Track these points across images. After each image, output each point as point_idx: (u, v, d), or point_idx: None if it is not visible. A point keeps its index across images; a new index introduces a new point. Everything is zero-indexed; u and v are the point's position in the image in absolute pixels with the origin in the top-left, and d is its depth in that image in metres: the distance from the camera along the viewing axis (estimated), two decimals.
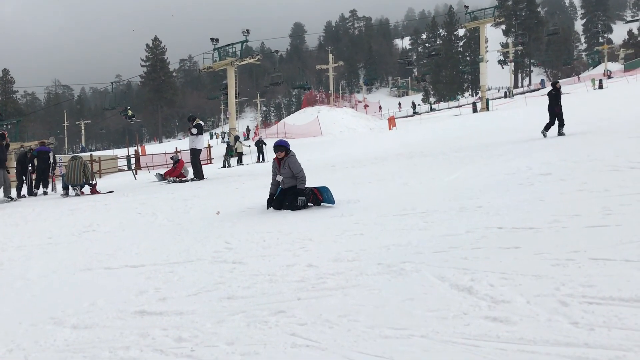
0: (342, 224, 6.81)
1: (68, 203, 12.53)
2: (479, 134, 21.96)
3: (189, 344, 3.32)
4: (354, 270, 4.55)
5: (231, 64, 42.67)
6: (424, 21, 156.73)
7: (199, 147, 17.11)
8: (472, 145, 16.77)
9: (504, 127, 24.21)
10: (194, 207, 9.98)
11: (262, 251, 5.78)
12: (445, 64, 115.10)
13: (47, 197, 15.53)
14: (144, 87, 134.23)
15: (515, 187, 7.94)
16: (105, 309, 4.23)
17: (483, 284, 3.75)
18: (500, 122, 28.84)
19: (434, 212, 6.74)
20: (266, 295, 4.17)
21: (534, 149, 13.06)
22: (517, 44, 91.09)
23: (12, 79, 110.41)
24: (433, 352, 2.83)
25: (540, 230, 5.09)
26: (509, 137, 17.71)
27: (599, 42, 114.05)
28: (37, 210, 11.33)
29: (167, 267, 5.52)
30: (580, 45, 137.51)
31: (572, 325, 2.97)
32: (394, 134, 36.85)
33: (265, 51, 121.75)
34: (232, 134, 40.22)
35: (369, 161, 16.16)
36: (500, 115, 37.24)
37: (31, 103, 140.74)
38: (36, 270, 5.97)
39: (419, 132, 32.16)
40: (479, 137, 20.33)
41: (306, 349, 3.07)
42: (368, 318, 3.41)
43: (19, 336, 3.79)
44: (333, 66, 67.90)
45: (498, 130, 22.25)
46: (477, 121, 35.18)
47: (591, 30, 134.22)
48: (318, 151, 26.02)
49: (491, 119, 34.29)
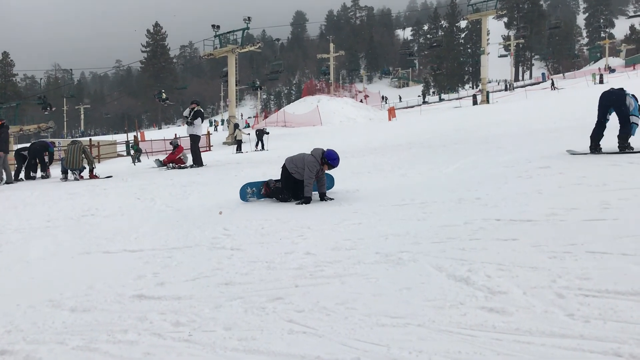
0: (341, 212, 6.82)
1: (67, 187, 12.52)
2: (479, 126, 21.93)
3: (187, 329, 3.34)
4: (351, 258, 4.57)
5: (232, 52, 42.46)
6: (426, 12, 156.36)
7: (198, 134, 17.06)
8: (472, 138, 16.77)
9: (504, 119, 24.19)
10: (193, 193, 9.99)
11: (260, 238, 5.80)
12: (446, 55, 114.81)
13: (46, 181, 15.52)
14: (144, 73, 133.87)
15: (514, 179, 7.95)
16: (103, 293, 4.24)
17: (480, 275, 3.77)
18: (500, 114, 28.79)
19: (432, 203, 6.76)
20: (264, 281, 4.19)
21: (533, 141, 13.06)
22: (518, 37, 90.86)
23: (11, 62, 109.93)
24: (429, 341, 2.85)
25: (538, 223, 5.11)
26: (509, 129, 17.71)
27: (601, 36, 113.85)
28: (36, 194, 11.32)
29: (166, 252, 5.54)
30: (582, 40, 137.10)
31: (567, 317, 2.99)
32: (393, 124, 36.81)
33: (266, 39, 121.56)
34: (232, 121, 40.10)
35: (368, 151, 16.15)
36: (500, 108, 37.22)
37: (31, 86, 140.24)
38: (35, 253, 5.99)
39: (418, 124, 32.12)
40: (478, 129, 20.31)
41: (303, 335, 3.09)
42: (365, 306, 3.42)
43: (17, 318, 3.81)
44: (334, 55, 67.70)
45: (498, 122, 22.21)
46: (477, 113, 35.13)
47: (593, 25, 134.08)
48: (318, 140, 25.97)
49: (491, 112, 34.24)
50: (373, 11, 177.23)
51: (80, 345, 3.24)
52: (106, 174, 15.69)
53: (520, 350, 2.67)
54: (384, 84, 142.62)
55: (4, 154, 15.49)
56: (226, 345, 3.04)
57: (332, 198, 8.01)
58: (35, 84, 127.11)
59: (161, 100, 41.41)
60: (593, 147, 9.74)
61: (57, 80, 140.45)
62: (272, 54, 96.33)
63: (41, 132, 46.76)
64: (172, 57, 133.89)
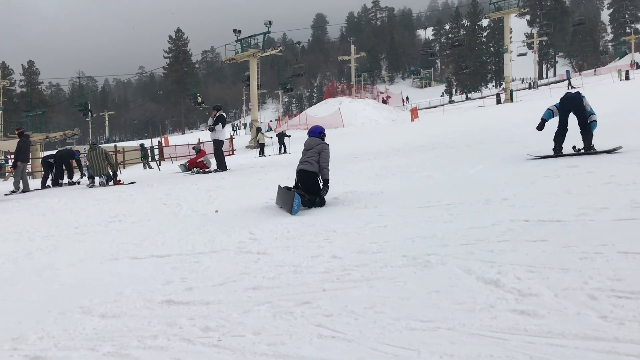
0: (366, 215, 6.80)
1: (93, 193, 12.67)
2: (503, 125, 21.71)
3: (216, 334, 3.35)
4: (378, 262, 4.55)
5: (253, 56, 42.67)
6: (448, 11, 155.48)
7: (222, 139, 17.16)
8: (497, 137, 16.60)
9: (529, 118, 23.89)
10: (218, 197, 10.03)
11: (286, 242, 5.81)
12: (468, 54, 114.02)
13: (73, 188, 15.73)
14: (166, 79, 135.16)
15: (542, 179, 7.85)
16: (132, 298, 4.28)
17: (510, 277, 3.73)
18: (524, 113, 28.47)
19: (458, 204, 6.70)
20: (291, 286, 4.19)
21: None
22: (541, 34, 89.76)
23: (37, 70, 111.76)
24: (460, 345, 2.82)
25: (568, 223, 5.03)
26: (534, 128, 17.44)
27: (626, 32, 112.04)
28: (64, 201, 11.47)
29: (193, 257, 5.57)
30: (607, 36, 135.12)
31: (601, 319, 2.94)
32: (416, 125, 36.62)
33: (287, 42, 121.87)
34: (254, 125, 40.29)
35: (391, 153, 16.08)
36: (525, 107, 36.79)
37: (56, 94, 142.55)
38: (64, 260, 6.06)
39: (442, 124, 31.90)
40: (503, 128, 20.11)
41: (332, 340, 3.08)
42: (394, 310, 3.40)
43: (49, 324, 3.86)
44: (355, 57, 67.59)
45: (523, 121, 21.95)
46: (501, 112, 34.78)
47: (618, 20, 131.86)
48: (340, 142, 25.95)
49: (515, 110, 33.88)
50: (394, 12, 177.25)
51: (111, 351, 3.27)
52: (130, 180, 15.83)
53: (554, 354, 2.63)
54: (406, 84, 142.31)
55: (24, 163, 15.77)
56: (255, 350, 3.05)
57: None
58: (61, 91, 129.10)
59: (197, 104, 41.88)
60: (557, 149, 10.32)
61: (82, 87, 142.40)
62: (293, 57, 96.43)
63: (67, 139, 47.43)
64: (194, 62, 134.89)
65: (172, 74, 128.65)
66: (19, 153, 15.76)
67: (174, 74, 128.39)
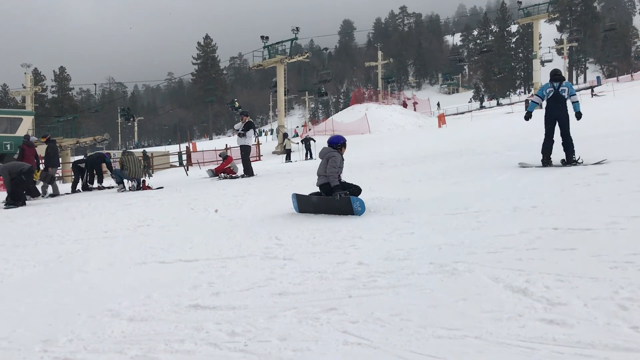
0: (392, 222, 6.77)
1: (122, 198, 12.84)
2: (532, 131, 21.47)
3: (242, 339, 3.37)
4: (405, 269, 4.53)
5: (280, 62, 42.94)
6: (476, 17, 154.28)
7: (249, 144, 17.28)
8: (525, 143, 16.41)
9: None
10: (245, 203, 10.09)
11: (312, 248, 5.81)
12: (497, 60, 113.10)
13: (102, 192, 15.96)
14: (195, 85, 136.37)
15: (571, 187, 7.74)
16: (160, 302, 4.33)
17: (538, 286, 3.68)
18: None
19: (486, 212, 6.63)
20: (317, 292, 4.19)
21: (590, 147, 12.69)
22: (571, 40, 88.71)
23: (68, 76, 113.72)
24: (487, 354, 2.80)
25: (597, 232, 4.96)
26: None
27: None
28: (93, 205, 11.65)
29: (220, 262, 5.61)
30: (639, 42, 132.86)
31: (632, 329, 2.89)
32: (444, 131, 36.41)
33: (314, 49, 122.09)
34: (281, 131, 40.49)
35: (418, 159, 16.01)
36: None
37: (86, 100, 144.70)
38: (93, 263, 6.15)
39: (469, 130, 31.67)
40: (532, 135, 19.88)
41: (358, 347, 3.08)
42: (420, 318, 3.39)
43: (78, 327, 3.92)
44: (382, 63, 67.53)
45: None
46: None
47: None
48: (366, 148, 25.92)
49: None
50: (421, 17, 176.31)
51: (138, 354, 3.31)
52: (158, 185, 16.01)
53: None
54: (434, 90, 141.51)
55: (54, 168, 16.15)
56: (281, 356, 3.06)
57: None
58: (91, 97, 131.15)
59: (234, 109, 42.51)
60: (545, 160, 10.53)
61: (112, 93, 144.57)
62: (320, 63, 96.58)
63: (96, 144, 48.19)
64: (222, 68, 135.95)
65: (200, 80, 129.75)
66: (49, 159, 16.17)
67: (202, 80, 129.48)
